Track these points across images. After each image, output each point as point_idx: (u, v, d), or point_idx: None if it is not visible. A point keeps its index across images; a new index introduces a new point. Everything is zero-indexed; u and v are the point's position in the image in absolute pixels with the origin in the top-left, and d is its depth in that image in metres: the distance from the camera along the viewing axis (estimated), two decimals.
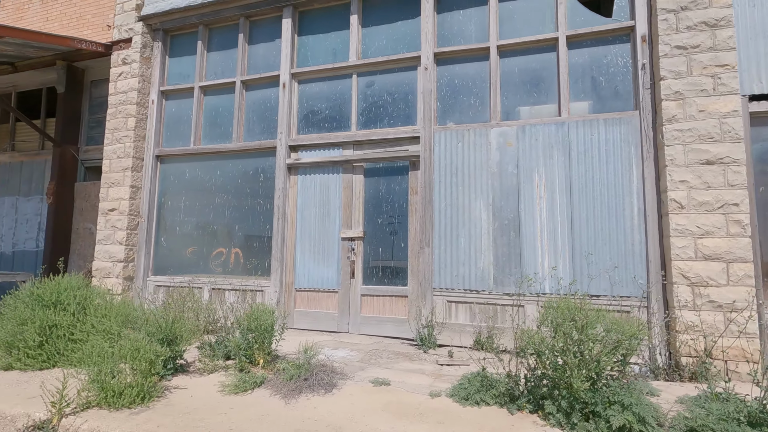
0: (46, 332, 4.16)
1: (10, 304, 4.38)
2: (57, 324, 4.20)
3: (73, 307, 4.32)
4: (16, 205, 8.11)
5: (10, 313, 4.29)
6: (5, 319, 4.30)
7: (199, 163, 6.74)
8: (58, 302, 4.38)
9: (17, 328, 4.15)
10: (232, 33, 6.80)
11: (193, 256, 6.61)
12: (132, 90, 6.88)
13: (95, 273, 6.73)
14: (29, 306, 4.32)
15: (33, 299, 4.34)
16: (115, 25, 7.14)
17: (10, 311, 4.31)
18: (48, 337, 4.17)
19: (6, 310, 4.36)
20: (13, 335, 4.14)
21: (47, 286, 4.53)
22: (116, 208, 6.73)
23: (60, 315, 4.24)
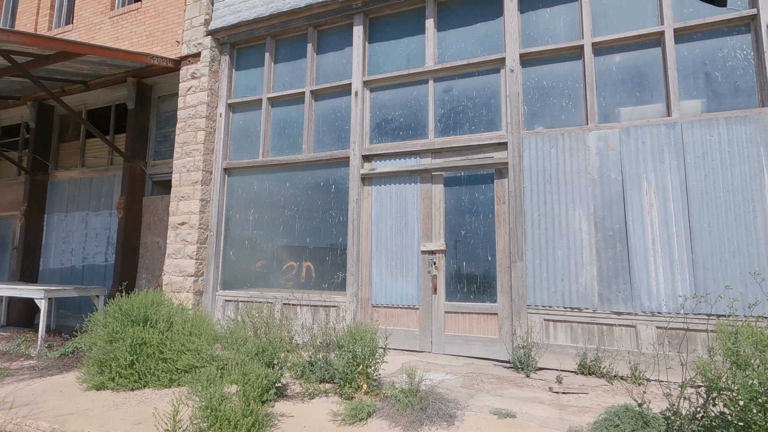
0: (136, 350, 4.03)
1: (100, 320, 4.29)
2: (146, 342, 4.07)
3: (161, 325, 4.18)
4: (86, 220, 8.27)
5: (100, 330, 4.19)
6: (96, 337, 4.21)
7: (268, 175, 6.63)
8: (146, 319, 4.26)
9: (108, 346, 4.04)
10: (300, 43, 6.71)
11: (262, 269, 6.47)
12: (201, 104, 6.89)
13: (166, 287, 6.69)
14: (119, 323, 4.22)
15: (122, 315, 4.24)
16: (184, 41, 7.22)
17: (100, 328, 4.22)
18: (138, 355, 4.04)
19: (96, 327, 4.28)
20: (105, 353, 4.03)
21: (134, 302, 4.43)
22: (186, 222, 6.69)
23: (149, 332, 4.11)
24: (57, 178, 8.82)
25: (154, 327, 4.22)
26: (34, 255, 8.60)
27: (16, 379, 4.64)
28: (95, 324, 4.32)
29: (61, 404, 3.60)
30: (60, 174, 8.78)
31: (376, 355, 3.55)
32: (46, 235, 8.73)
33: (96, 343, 4.17)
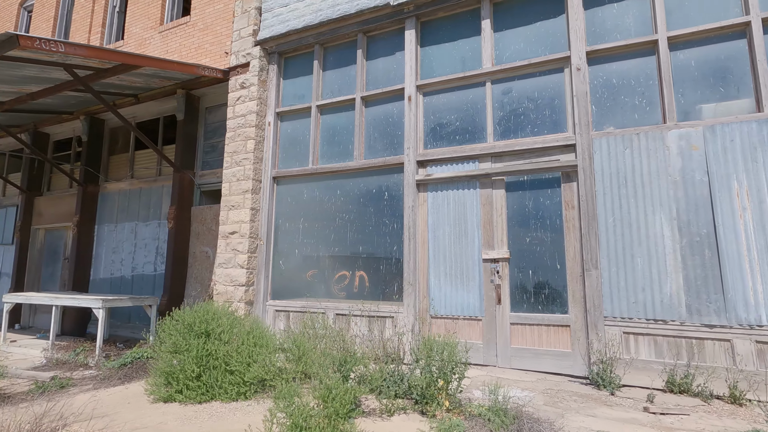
0: (202, 362, 3.94)
1: (166, 330, 4.23)
2: (211, 353, 3.97)
3: (227, 336, 4.08)
4: (135, 230, 8.39)
5: (167, 340, 4.12)
6: (161, 348, 4.14)
7: (318, 183, 6.55)
8: (211, 330, 4.17)
9: (175, 357, 3.96)
10: (349, 50, 6.66)
11: (313, 279, 6.35)
12: (251, 113, 6.91)
13: (216, 297, 6.66)
14: (182, 334, 4.15)
15: (185, 327, 4.16)
16: (233, 52, 7.28)
17: (167, 337, 4.15)
18: (204, 367, 3.94)
19: (164, 336, 4.21)
20: (171, 364, 3.95)
21: (198, 313, 4.36)
22: (237, 231, 6.67)
23: (215, 344, 4.01)
24: (107, 189, 9.02)
25: (219, 338, 4.12)
26: (85, 265, 8.77)
27: (80, 390, 4.62)
28: (161, 335, 4.26)
29: (133, 417, 3.52)
30: (110, 185, 8.98)
31: (457, 370, 3.33)
32: (97, 246, 8.91)
33: (162, 354, 4.10)
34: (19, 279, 9.65)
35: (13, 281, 9.62)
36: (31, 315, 9.73)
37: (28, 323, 9.67)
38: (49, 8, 10.51)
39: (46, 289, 9.73)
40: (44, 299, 6.57)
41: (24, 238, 9.77)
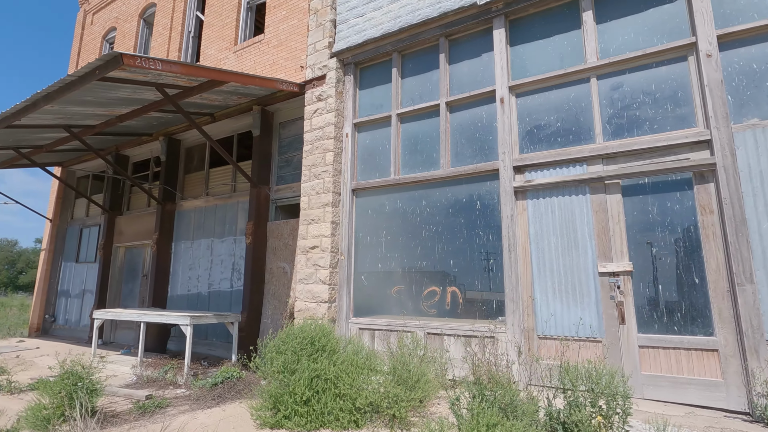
0: (311, 384, 3.65)
1: (271, 350, 4.00)
2: (321, 375, 3.67)
3: (340, 356, 3.78)
4: (211, 247, 8.46)
5: (276, 360, 3.88)
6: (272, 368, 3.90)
7: (401, 194, 6.25)
8: (319, 350, 3.89)
9: (285, 378, 3.70)
10: (429, 55, 6.40)
11: (399, 295, 6.00)
12: (329, 125, 6.78)
13: (297, 314, 6.46)
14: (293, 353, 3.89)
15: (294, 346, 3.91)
16: (308, 65, 7.24)
17: (275, 356, 3.92)
18: (313, 390, 3.65)
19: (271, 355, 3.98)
20: (281, 387, 3.68)
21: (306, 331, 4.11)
22: (317, 246, 6.47)
23: (324, 364, 3.72)
24: (183, 207, 9.23)
25: (329, 359, 3.83)
26: (163, 282, 8.94)
27: (177, 410, 4.48)
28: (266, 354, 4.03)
29: None
30: (186, 203, 9.18)
31: (619, 403, 2.81)
32: (174, 262, 9.08)
33: (271, 374, 3.86)
34: (101, 295, 10.02)
35: (97, 298, 9.99)
36: (112, 330, 10.04)
37: (109, 338, 9.97)
38: (129, 38, 11.15)
39: (125, 305, 10.03)
40: (132, 315, 6.65)
41: (106, 256, 10.18)
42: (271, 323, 7.22)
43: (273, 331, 7.14)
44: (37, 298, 11.53)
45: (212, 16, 9.11)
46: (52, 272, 11.74)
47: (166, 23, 10.09)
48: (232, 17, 8.71)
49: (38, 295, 11.53)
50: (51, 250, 11.76)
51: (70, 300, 11.23)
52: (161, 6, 10.36)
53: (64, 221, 11.97)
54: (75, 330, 10.81)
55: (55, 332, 11.33)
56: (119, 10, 11.76)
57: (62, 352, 8.46)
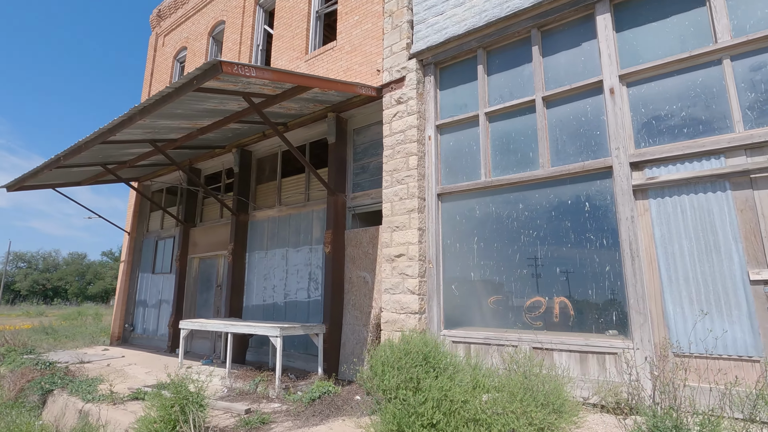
0: (439, 407, 3.31)
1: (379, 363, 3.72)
2: (447, 396, 3.33)
3: (466, 376, 3.42)
4: (287, 257, 8.42)
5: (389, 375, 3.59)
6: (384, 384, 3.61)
7: (494, 198, 5.85)
8: (436, 367, 3.56)
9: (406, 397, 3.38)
10: (519, 48, 6.01)
11: (496, 306, 5.58)
12: (410, 128, 6.53)
13: (385, 326, 6.18)
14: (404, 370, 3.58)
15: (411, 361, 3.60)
16: (384, 68, 7.06)
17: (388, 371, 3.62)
18: (442, 413, 3.30)
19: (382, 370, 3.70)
20: (404, 407, 3.37)
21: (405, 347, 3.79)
22: (404, 254, 6.19)
23: (447, 383, 3.37)
24: (256, 217, 9.29)
25: (451, 378, 3.48)
26: (239, 292, 9.00)
27: (282, 428, 4.28)
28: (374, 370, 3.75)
29: None
30: (258, 213, 9.23)
31: None
32: (248, 273, 9.13)
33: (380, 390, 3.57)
34: (178, 305, 10.27)
35: (174, 308, 10.25)
36: (188, 340, 10.24)
37: (186, 348, 10.17)
38: (199, 56, 11.55)
39: (200, 314, 10.21)
40: (219, 326, 6.64)
41: (182, 267, 10.45)
42: (352, 334, 6.99)
43: (356, 343, 6.91)
44: (117, 307, 12.05)
45: (281, 27, 9.20)
46: (130, 283, 12.25)
47: (235, 39, 10.33)
48: (302, 27, 8.74)
49: (118, 305, 12.05)
50: (129, 261, 12.29)
51: (147, 310, 11.63)
52: (230, 23, 10.65)
53: (140, 234, 12.50)
54: (153, 339, 11.16)
55: (134, 341, 11.76)
56: (189, 30, 12.25)
57: (147, 361, 8.67)
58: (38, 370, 7.00)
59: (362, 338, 6.83)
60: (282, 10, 9.31)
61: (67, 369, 6.94)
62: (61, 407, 5.67)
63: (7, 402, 6.31)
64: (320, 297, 7.66)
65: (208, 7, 11.76)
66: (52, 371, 6.75)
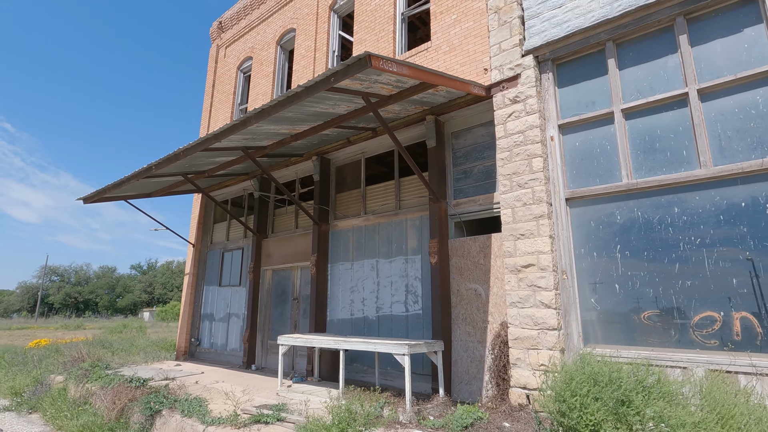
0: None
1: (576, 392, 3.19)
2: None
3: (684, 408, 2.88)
4: (377, 268, 7.99)
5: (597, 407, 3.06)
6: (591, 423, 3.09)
7: (638, 202, 5.32)
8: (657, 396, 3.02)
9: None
10: (659, 38, 5.51)
11: (651, 321, 4.99)
12: (531, 128, 6.07)
13: (514, 343, 5.65)
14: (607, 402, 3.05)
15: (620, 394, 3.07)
16: (493, 67, 6.65)
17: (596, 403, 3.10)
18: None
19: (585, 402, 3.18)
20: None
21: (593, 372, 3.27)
22: (534, 264, 5.68)
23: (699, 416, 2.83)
24: (337, 227, 8.93)
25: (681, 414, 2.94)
26: (323, 305, 8.60)
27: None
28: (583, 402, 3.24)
29: None
30: (340, 223, 8.87)
31: None
32: (331, 285, 8.73)
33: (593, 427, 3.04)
34: (252, 319, 9.94)
35: (248, 322, 9.92)
36: (263, 355, 9.87)
37: (261, 363, 9.81)
38: (267, 65, 11.43)
39: (275, 329, 9.85)
40: (328, 342, 6.22)
41: (255, 279, 10.15)
42: (464, 351, 6.47)
43: (470, 361, 6.38)
44: (183, 321, 11.81)
45: (363, 31, 8.94)
46: (195, 296, 12.02)
47: (308, 45, 10.14)
48: (388, 29, 8.46)
49: (184, 319, 11.82)
50: (194, 274, 12.09)
51: (214, 324, 11.35)
52: (302, 30, 10.48)
53: (204, 246, 12.31)
54: (221, 354, 10.84)
55: (200, 355, 11.47)
56: (254, 40, 12.18)
57: (231, 378, 8.31)
58: (133, 387, 6.69)
59: (478, 356, 6.30)
60: (362, 14, 9.06)
61: (166, 387, 6.61)
62: (175, 429, 5.30)
63: (109, 423, 5.99)
64: (420, 311, 7.18)
65: (274, 17, 11.66)
66: (152, 390, 6.43)
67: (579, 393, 3.46)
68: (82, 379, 7.85)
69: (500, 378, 5.76)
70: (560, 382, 3.77)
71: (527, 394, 5.43)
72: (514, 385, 5.55)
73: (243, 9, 12.77)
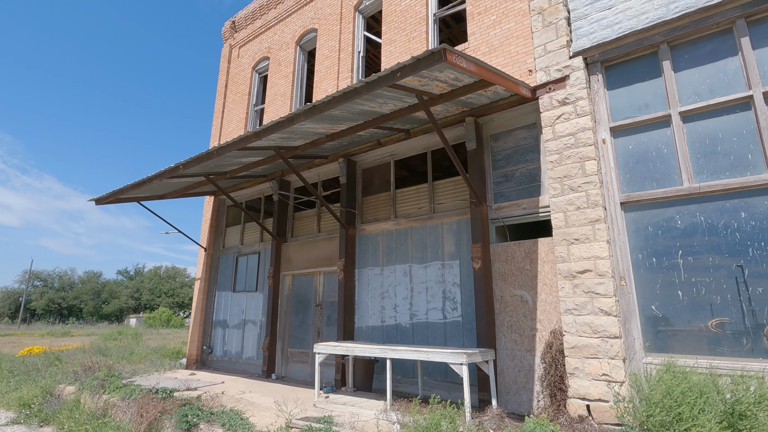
0: None
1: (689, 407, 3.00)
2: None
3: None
4: (410, 273, 7.75)
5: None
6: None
7: (701, 206, 5.19)
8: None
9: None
10: (717, 41, 5.44)
11: (721, 330, 4.84)
12: (583, 130, 5.93)
13: (570, 352, 5.45)
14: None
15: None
16: (538, 68, 6.52)
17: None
18: None
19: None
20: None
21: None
22: (590, 269, 5.50)
23: None
24: (365, 231, 8.67)
25: None
26: (350, 312, 8.31)
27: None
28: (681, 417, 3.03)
29: None
30: (368, 227, 8.62)
31: None
32: (359, 291, 8.46)
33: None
34: (272, 327, 9.58)
35: (268, 329, 9.56)
36: (283, 364, 9.51)
37: (281, 372, 9.44)
38: (285, 65, 11.18)
39: (295, 336, 9.51)
40: (374, 351, 5.94)
41: (275, 284, 9.80)
42: (511, 360, 6.25)
43: (518, 371, 6.16)
44: (195, 328, 11.37)
45: (392, 32, 8.77)
46: (207, 302, 11.60)
47: (332, 46, 9.93)
48: (419, 30, 8.30)
49: (195, 326, 11.37)
50: (206, 279, 11.67)
51: (228, 331, 10.94)
52: (325, 30, 10.27)
53: (216, 250, 11.92)
54: (237, 362, 10.43)
55: (213, 364, 11.03)
56: (271, 40, 11.93)
57: (255, 388, 7.94)
58: (159, 399, 6.30)
59: (527, 365, 6.08)
60: (391, 15, 8.90)
61: (199, 399, 6.23)
62: None
63: None
64: (460, 318, 6.95)
65: (293, 17, 11.44)
66: (184, 402, 6.04)
67: (684, 403, 3.25)
68: (98, 389, 7.41)
69: (556, 388, 5.54)
70: (657, 393, 3.56)
71: (587, 405, 5.22)
72: (573, 396, 5.34)
73: (258, 9, 12.53)
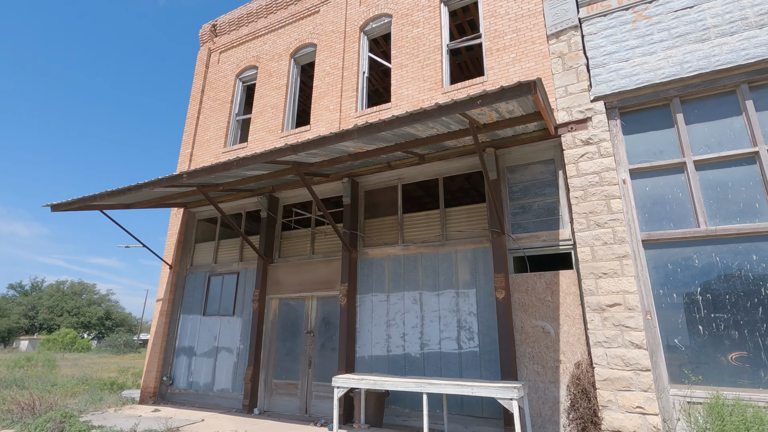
0: None
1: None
2: None
3: None
4: (421, 301, 7.54)
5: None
6: None
7: (715, 248, 5.68)
8: None
9: None
10: (723, 100, 6.12)
11: (741, 363, 5.24)
12: (607, 170, 6.30)
13: (602, 384, 5.57)
14: None
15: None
16: (560, 108, 6.88)
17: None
18: None
19: None
20: None
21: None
22: (619, 303, 5.74)
23: None
24: (368, 255, 8.35)
25: None
26: (351, 340, 7.86)
27: None
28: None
29: None
30: (372, 251, 8.32)
31: None
32: (361, 318, 8.05)
33: None
34: (256, 355, 8.74)
35: (251, 358, 8.70)
36: (266, 397, 8.67)
37: (264, 407, 8.58)
38: (277, 77, 10.70)
39: (281, 366, 8.75)
40: (408, 384, 5.58)
41: (261, 309, 9.02)
42: (534, 392, 6.24)
43: (542, 403, 6.17)
44: (153, 356, 10.02)
45: (403, 56, 8.80)
46: (170, 327, 10.33)
47: (335, 63, 9.72)
48: (434, 59, 8.42)
49: (154, 353, 10.03)
50: (170, 300, 10.43)
51: (195, 359, 9.78)
52: (326, 47, 10.04)
53: (183, 268, 10.76)
54: (206, 395, 9.31)
55: (175, 398, 9.74)
56: (260, 49, 11.40)
57: (244, 427, 7.10)
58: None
59: (551, 397, 6.11)
60: (402, 40, 8.95)
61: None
62: None
63: None
64: (477, 348, 6.86)
65: (287, 29, 11.08)
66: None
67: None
68: None
69: (588, 421, 5.60)
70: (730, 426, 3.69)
71: None
72: (607, 429, 5.43)
73: (246, 15, 11.98)
